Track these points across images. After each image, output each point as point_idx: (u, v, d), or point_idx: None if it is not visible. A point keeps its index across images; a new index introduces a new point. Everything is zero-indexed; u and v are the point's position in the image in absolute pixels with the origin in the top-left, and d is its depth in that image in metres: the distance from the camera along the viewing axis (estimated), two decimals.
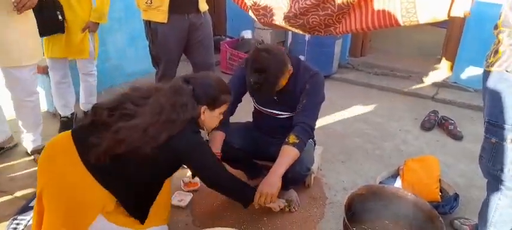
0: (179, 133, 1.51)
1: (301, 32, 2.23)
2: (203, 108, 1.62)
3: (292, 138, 1.82)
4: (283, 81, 1.91)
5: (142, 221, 1.63)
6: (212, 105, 1.65)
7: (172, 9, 2.50)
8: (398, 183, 2.30)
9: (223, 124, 1.93)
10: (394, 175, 2.42)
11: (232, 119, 2.14)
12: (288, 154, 1.80)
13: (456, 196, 2.18)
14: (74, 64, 2.99)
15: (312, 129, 1.91)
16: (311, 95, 1.93)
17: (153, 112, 1.49)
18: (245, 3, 2.26)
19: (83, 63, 2.94)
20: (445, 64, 4.24)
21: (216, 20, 5.03)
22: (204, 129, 1.74)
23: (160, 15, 2.51)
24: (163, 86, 1.61)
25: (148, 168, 1.53)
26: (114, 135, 1.43)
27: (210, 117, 1.67)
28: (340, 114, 3.54)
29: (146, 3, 2.50)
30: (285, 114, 2.05)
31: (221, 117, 1.73)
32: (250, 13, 2.28)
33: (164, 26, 2.53)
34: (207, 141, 1.89)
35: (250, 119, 2.33)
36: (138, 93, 1.57)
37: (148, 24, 2.60)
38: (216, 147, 1.94)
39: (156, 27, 2.56)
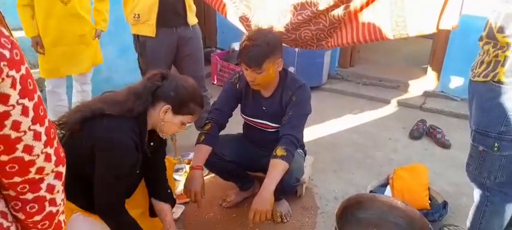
0: (109, 119, 1.39)
1: (293, 47, 2.26)
2: (166, 106, 1.49)
3: (279, 151, 1.82)
4: (272, 66, 1.84)
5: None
6: (177, 108, 1.52)
7: (160, 23, 2.52)
8: (388, 192, 2.33)
9: (211, 138, 1.93)
10: (384, 184, 2.45)
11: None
12: (277, 168, 1.79)
13: (445, 204, 2.21)
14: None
15: (298, 140, 1.92)
16: (297, 107, 1.94)
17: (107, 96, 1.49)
18: (225, 10, 2.29)
19: (82, 74, 2.92)
20: (432, 74, 4.32)
21: (206, 31, 5.06)
22: (160, 132, 1.59)
23: (148, 29, 2.52)
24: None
25: (87, 158, 1.41)
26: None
27: (170, 121, 1.52)
28: (330, 124, 3.58)
29: (134, 17, 2.51)
30: (274, 126, 2.06)
31: (183, 128, 1.60)
32: (240, 26, 2.30)
33: (152, 40, 2.55)
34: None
35: (241, 131, 2.34)
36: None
37: (136, 38, 2.62)
38: (200, 162, 1.90)
39: (145, 41, 2.57)
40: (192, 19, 2.68)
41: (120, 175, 1.43)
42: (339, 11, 1.93)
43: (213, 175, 2.39)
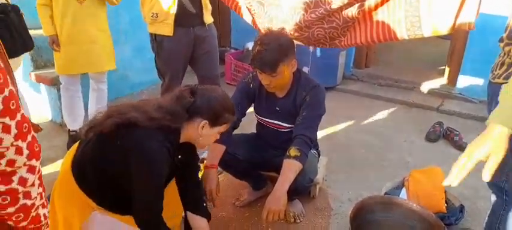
0: (144, 129, 1.39)
1: (305, 44, 2.25)
2: (203, 122, 1.50)
3: (293, 151, 1.81)
4: (286, 68, 1.85)
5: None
6: (214, 122, 1.53)
7: (178, 22, 2.54)
8: (403, 194, 2.30)
9: (225, 137, 1.94)
10: (400, 186, 2.41)
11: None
12: (290, 168, 1.79)
13: (462, 207, 2.17)
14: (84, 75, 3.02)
15: (312, 141, 1.91)
16: (311, 107, 1.93)
17: (139, 105, 1.47)
18: (240, 10, 2.29)
19: (97, 73, 2.94)
20: (449, 75, 4.25)
21: (221, 31, 5.07)
22: (197, 146, 1.63)
23: (166, 29, 2.55)
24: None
25: (118, 163, 1.44)
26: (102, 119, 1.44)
27: (207, 134, 1.54)
28: (344, 125, 3.55)
29: (152, 16, 2.54)
30: (287, 126, 2.06)
31: (217, 136, 1.62)
32: (248, 18, 2.30)
33: (170, 39, 2.57)
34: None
35: (254, 131, 2.34)
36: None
37: (154, 37, 2.64)
38: (214, 160, 1.91)
39: (162, 41, 2.60)
40: (208, 18, 2.70)
41: (160, 185, 1.45)
42: (353, 10, 1.91)
43: (226, 174, 2.39)
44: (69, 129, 3.01)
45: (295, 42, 2.21)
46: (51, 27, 2.65)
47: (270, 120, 2.11)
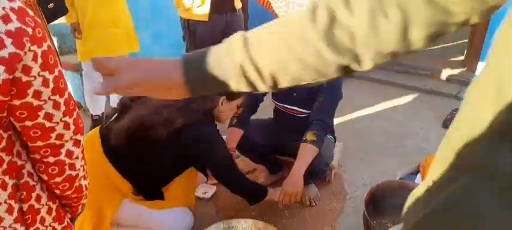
0: (195, 124, 1.54)
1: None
2: (222, 99, 1.66)
3: (309, 136, 1.86)
4: None
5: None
6: (230, 96, 1.69)
7: (213, 8, 2.59)
8: (419, 179, 2.32)
9: (243, 122, 2.00)
10: (415, 172, 2.43)
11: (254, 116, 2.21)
12: (307, 152, 1.85)
13: None
14: None
15: (329, 126, 1.95)
16: (328, 93, 1.97)
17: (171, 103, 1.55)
18: (268, 2, 2.32)
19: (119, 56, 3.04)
20: (468, 62, 4.19)
21: None
22: (219, 121, 1.79)
23: (202, 14, 2.59)
24: None
25: (162, 157, 1.59)
26: (132, 115, 1.52)
27: (227, 109, 1.71)
28: (360, 111, 3.56)
29: (188, 2, 2.58)
30: (304, 112, 2.10)
31: (236, 109, 1.78)
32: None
33: (204, 25, 2.62)
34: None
35: (272, 116, 2.39)
36: None
37: (186, 25, 2.69)
38: (232, 143, 1.99)
39: (195, 27, 2.64)
40: (238, 3, 2.75)
41: (228, 154, 1.74)
42: None
43: (243, 157, 2.46)
44: (91, 114, 3.12)
45: None
46: (73, 15, 2.73)
47: (287, 106, 2.16)
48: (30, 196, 0.83)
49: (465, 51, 4.29)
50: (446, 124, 3.26)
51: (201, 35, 2.65)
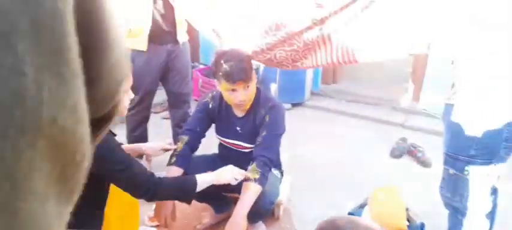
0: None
1: (268, 66, 2.24)
2: None
3: (252, 173, 1.79)
4: (253, 80, 1.88)
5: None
6: None
7: (151, 39, 2.49)
8: (366, 213, 2.29)
9: (182, 159, 1.89)
10: (363, 205, 2.41)
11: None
12: (249, 191, 1.76)
13: (422, 226, 2.18)
14: None
15: (272, 161, 1.89)
16: (271, 127, 1.91)
17: None
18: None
19: None
20: (413, 91, 4.35)
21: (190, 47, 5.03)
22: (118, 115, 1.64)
23: (140, 44, 2.49)
24: None
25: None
26: None
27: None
28: (311, 142, 3.55)
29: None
30: (248, 147, 2.03)
31: (128, 97, 1.56)
32: (212, 37, 2.29)
33: (142, 55, 2.51)
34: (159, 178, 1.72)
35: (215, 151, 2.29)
36: None
37: None
38: None
39: (134, 57, 2.53)
40: (183, 36, 2.67)
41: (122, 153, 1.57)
42: (313, 34, 1.92)
43: None
44: None
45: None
46: None
47: (231, 141, 2.07)
48: None
49: (409, 81, 4.46)
50: (393, 153, 3.31)
51: (140, 65, 2.54)
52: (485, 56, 1.39)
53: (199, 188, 1.67)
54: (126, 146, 1.96)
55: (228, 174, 1.76)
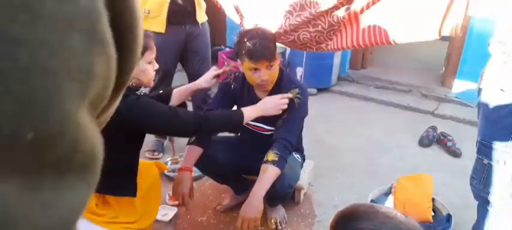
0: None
1: (292, 48, 2.19)
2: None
3: (271, 156, 1.75)
4: (277, 60, 1.85)
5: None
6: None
7: (170, 19, 2.48)
8: (390, 201, 2.23)
9: (203, 140, 1.87)
10: (387, 193, 2.34)
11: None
12: (267, 174, 1.73)
13: (449, 217, 2.09)
14: None
15: (292, 145, 1.84)
16: (292, 110, 1.86)
17: None
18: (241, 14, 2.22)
19: None
20: (446, 78, 4.17)
21: (216, 29, 5.00)
22: (145, 86, 1.67)
23: (158, 25, 2.49)
24: None
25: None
26: None
27: (143, 67, 1.61)
28: (336, 127, 3.47)
29: (144, 12, 2.48)
30: (269, 129, 1.99)
31: (152, 67, 1.66)
32: (235, 17, 2.25)
33: (160, 36, 2.51)
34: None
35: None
36: None
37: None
38: (188, 163, 1.85)
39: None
40: (201, 16, 2.64)
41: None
42: (339, 13, 1.84)
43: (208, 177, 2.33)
44: None
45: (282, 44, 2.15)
46: None
47: (252, 123, 2.04)
48: None
49: (443, 68, 4.28)
50: (422, 142, 3.19)
51: (158, 46, 2.53)
52: None
53: (245, 121, 1.75)
54: (178, 89, 1.99)
55: (273, 109, 1.80)
